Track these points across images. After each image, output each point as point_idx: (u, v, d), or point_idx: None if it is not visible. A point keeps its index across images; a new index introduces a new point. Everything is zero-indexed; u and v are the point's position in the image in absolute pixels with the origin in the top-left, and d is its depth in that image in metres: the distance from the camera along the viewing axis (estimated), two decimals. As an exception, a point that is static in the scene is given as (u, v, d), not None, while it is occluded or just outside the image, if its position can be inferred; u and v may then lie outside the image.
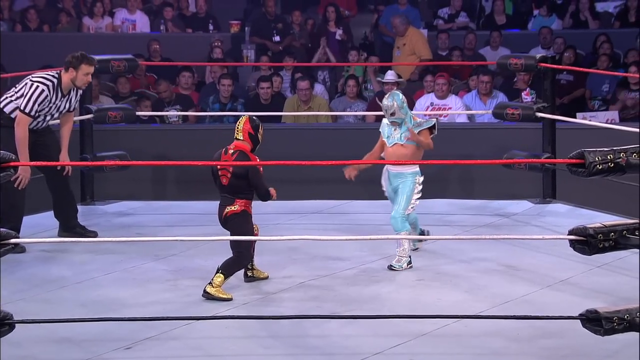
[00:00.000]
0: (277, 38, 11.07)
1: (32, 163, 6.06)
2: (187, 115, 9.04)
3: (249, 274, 5.53)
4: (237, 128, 5.45)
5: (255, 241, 5.33)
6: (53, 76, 6.14)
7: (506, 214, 7.08)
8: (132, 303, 5.20)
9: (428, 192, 7.69)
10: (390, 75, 9.07)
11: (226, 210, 5.34)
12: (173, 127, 8.65)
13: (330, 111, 9.17)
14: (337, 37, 10.79)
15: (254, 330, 4.77)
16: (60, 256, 6.05)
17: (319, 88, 9.74)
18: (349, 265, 5.84)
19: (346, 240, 5.94)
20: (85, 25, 11.61)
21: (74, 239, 6.02)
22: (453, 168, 7.72)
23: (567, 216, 6.90)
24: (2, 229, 4.14)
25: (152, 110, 8.86)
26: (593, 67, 9.90)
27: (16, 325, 4.19)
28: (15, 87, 6.19)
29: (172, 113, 8.93)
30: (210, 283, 5.21)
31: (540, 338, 4.68)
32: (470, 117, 8.86)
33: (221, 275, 5.22)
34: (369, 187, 7.77)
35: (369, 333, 4.73)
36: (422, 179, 5.77)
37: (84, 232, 6.40)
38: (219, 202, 5.43)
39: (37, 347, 4.60)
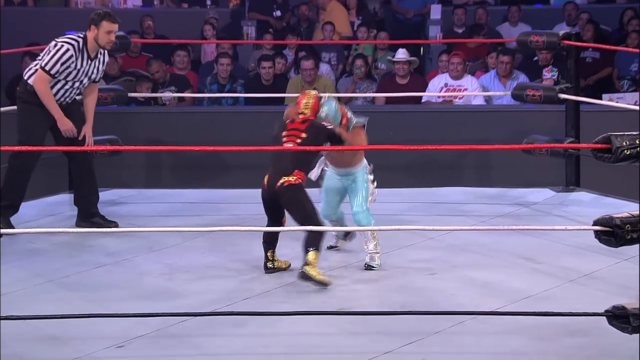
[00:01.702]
0: (277, 13, 11.04)
1: (43, 148, 6.15)
2: (183, 97, 9.03)
3: (269, 265, 5.55)
4: (306, 104, 5.55)
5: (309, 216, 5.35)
6: (78, 36, 6.24)
7: (526, 203, 7.07)
8: (124, 298, 5.20)
9: (442, 179, 7.72)
10: (401, 54, 9.04)
11: (282, 180, 5.35)
12: (168, 109, 8.64)
13: (337, 92, 9.15)
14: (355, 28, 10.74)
15: (254, 328, 4.77)
16: (47, 248, 6.05)
17: (324, 68, 9.71)
18: (359, 258, 5.83)
19: (356, 230, 5.93)
20: (72, 0, 11.59)
21: (51, 230, 6.02)
22: (469, 154, 7.70)
23: (591, 205, 6.88)
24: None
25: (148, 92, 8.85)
26: (621, 44, 9.85)
27: (1, 321, 4.19)
28: (39, 57, 6.26)
29: (167, 95, 8.91)
30: (307, 264, 5.24)
31: (563, 336, 4.67)
32: (488, 99, 8.83)
33: (313, 252, 5.25)
34: (383, 174, 7.76)
35: (379, 330, 4.73)
36: (371, 167, 5.74)
37: (103, 222, 6.43)
38: (268, 172, 5.41)
39: (22, 345, 4.60)
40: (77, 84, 6.25)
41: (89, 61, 6.23)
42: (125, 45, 7.56)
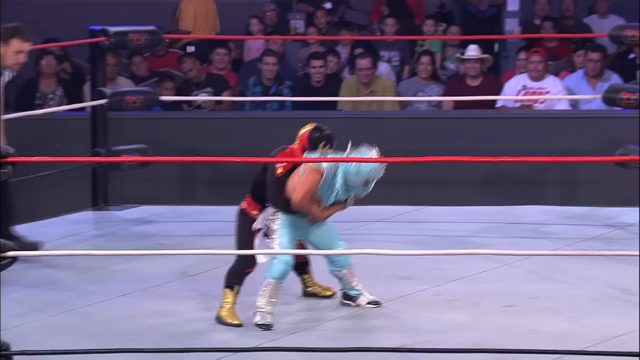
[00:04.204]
0: (328, 5, 11.08)
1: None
2: (221, 101, 9.08)
3: (308, 290, 5.65)
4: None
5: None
6: None
7: (619, 224, 7.00)
8: (155, 331, 5.23)
9: (520, 196, 7.68)
10: (472, 51, 9.02)
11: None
12: (205, 114, 8.70)
13: (398, 95, 9.16)
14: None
15: (304, 367, 4.78)
16: (68, 272, 6.11)
17: (383, 68, 9.72)
18: (422, 286, 5.82)
19: (418, 255, 5.92)
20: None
21: (71, 252, 6.00)
22: (552, 167, 7.66)
23: (696, 227, 6.81)
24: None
25: (178, 94, 8.92)
26: None
27: (14, 357, 4.24)
28: None
29: (203, 98, 8.97)
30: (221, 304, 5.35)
31: (663, 381, 4.61)
32: (574, 103, 8.78)
33: (228, 290, 5.34)
34: (451, 190, 7.75)
35: (447, 371, 4.72)
36: None
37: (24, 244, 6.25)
38: None
39: (39, 383, 4.65)
40: None
41: None
42: (157, 41, 7.62)
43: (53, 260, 6.25)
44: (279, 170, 5.33)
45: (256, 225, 5.42)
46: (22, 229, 6.38)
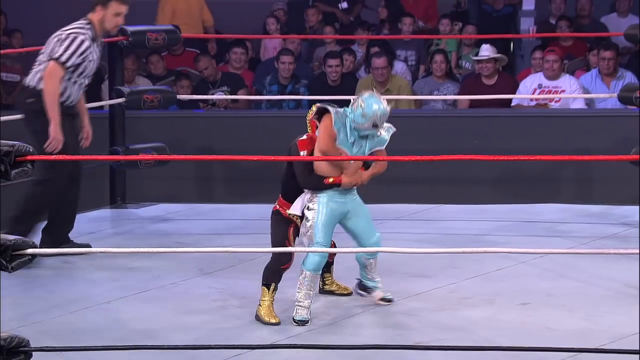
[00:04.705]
0: (344, 5, 11.09)
1: (52, 157, 6.10)
2: (238, 99, 9.11)
3: (325, 287, 5.67)
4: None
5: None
6: (86, 23, 6.20)
7: (634, 223, 6.99)
8: (172, 328, 5.25)
9: (535, 195, 7.67)
10: (485, 51, 9.02)
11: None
12: (222, 113, 8.73)
13: (413, 94, 9.16)
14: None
15: (320, 363, 4.79)
16: (86, 270, 6.14)
17: (399, 66, 9.72)
18: (437, 284, 5.83)
19: (434, 253, 5.92)
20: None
21: (90, 250, 6.02)
22: (567, 165, 7.65)
23: None
24: (17, 237, 4.21)
25: (194, 92, 8.94)
26: None
27: (33, 353, 4.26)
28: (42, 55, 6.19)
29: (221, 97, 9.00)
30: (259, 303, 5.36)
31: (678, 379, 4.60)
32: (589, 102, 8.77)
33: (263, 288, 5.34)
34: (467, 189, 7.76)
35: (463, 369, 4.72)
36: None
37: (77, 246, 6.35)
38: None
39: (58, 379, 4.68)
40: (85, 81, 6.22)
41: (97, 47, 6.21)
42: (175, 40, 7.64)
43: (71, 257, 6.28)
44: (302, 154, 5.37)
45: (294, 210, 5.42)
46: (40, 227, 6.42)
